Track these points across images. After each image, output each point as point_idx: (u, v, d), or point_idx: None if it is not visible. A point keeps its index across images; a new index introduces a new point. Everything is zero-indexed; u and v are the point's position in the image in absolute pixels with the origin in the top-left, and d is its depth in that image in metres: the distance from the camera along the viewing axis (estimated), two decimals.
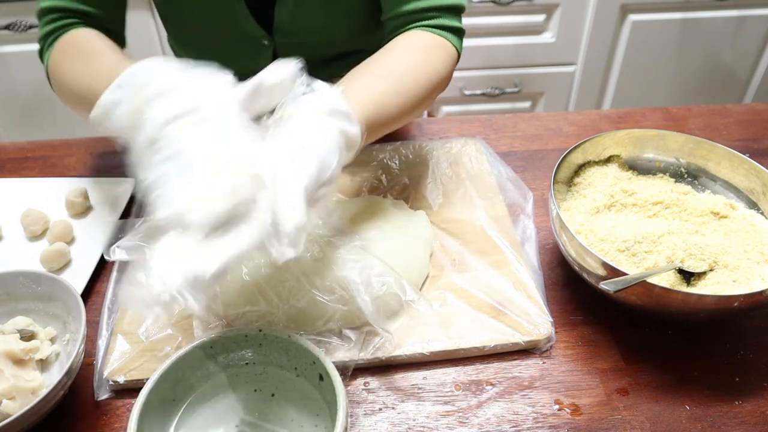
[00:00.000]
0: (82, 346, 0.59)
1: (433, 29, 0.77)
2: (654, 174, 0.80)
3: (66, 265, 0.74)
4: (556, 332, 0.67)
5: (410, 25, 0.78)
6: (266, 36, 0.87)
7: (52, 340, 0.64)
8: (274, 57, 0.89)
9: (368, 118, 0.63)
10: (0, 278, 0.64)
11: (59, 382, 0.55)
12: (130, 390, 0.62)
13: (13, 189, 0.86)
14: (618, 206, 0.74)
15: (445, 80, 0.76)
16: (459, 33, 0.79)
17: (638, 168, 0.80)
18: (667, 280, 0.65)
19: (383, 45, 0.76)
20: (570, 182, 0.78)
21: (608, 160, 0.80)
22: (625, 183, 0.77)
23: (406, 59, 0.73)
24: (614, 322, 0.69)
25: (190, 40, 0.93)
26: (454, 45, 0.78)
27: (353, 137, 0.59)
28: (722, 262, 0.66)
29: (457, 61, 0.79)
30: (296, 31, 0.86)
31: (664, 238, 0.67)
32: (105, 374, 0.62)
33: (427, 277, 0.71)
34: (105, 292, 0.70)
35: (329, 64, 0.92)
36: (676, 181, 0.79)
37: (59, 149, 0.95)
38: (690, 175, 0.79)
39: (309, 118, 0.56)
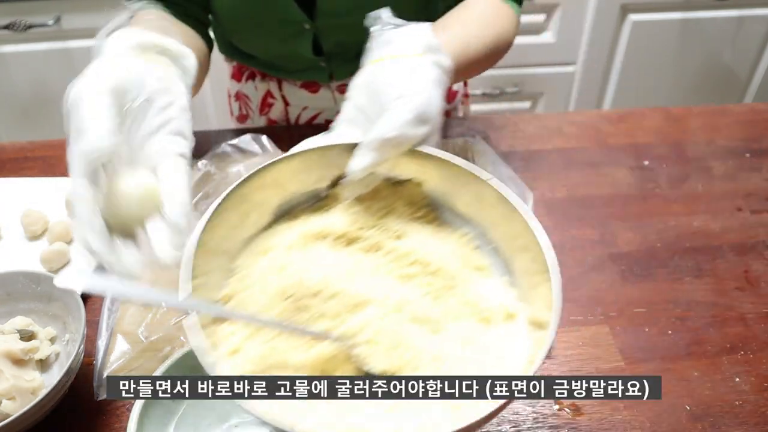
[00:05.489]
0: (82, 346, 0.59)
1: None
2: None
3: (66, 265, 0.74)
4: (556, 332, 0.67)
5: None
6: (308, 20, 0.87)
7: (52, 340, 0.64)
8: (315, 40, 0.89)
9: (455, 56, 0.63)
10: (0, 278, 0.64)
11: (59, 382, 0.55)
12: None
13: (13, 189, 0.86)
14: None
15: (510, 44, 0.79)
16: (519, 1, 0.81)
17: None
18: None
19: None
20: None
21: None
22: None
23: (482, 17, 0.75)
24: (614, 322, 0.69)
25: (233, 27, 0.92)
26: (515, 12, 0.80)
27: (448, 70, 0.59)
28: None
29: (517, 27, 0.81)
30: (339, 13, 0.86)
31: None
32: (105, 374, 0.62)
33: None
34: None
35: None
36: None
37: (59, 149, 0.95)
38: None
39: (407, 58, 0.57)
